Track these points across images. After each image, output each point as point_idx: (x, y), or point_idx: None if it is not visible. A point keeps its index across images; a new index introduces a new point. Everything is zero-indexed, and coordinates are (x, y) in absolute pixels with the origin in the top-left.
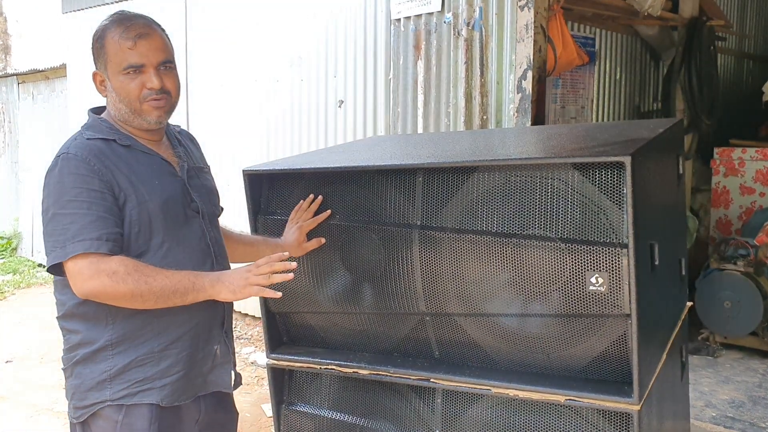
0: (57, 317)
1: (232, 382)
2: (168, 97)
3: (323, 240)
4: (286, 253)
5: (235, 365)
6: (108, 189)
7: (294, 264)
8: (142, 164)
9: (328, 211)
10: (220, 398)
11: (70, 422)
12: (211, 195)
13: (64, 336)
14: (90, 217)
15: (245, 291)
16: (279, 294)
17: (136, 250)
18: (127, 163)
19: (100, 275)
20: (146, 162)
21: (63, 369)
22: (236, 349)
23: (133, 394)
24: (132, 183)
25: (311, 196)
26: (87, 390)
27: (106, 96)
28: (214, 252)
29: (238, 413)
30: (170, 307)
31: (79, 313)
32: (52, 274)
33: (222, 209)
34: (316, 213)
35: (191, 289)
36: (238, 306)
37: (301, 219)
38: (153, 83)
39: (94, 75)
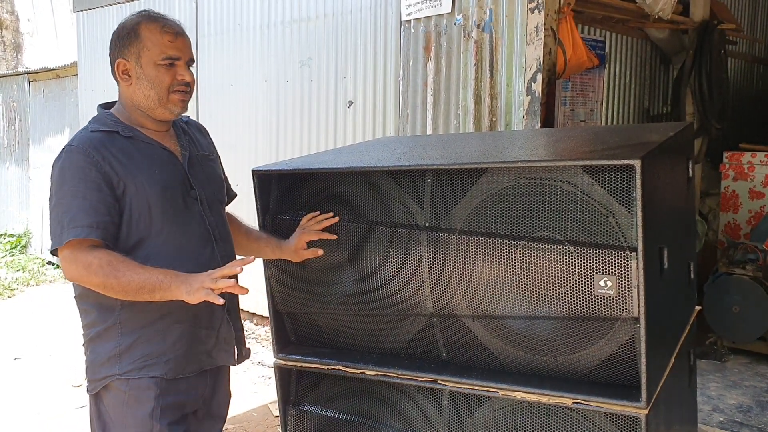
0: (74, 297)
1: (236, 357)
2: (190, 91)
3: (320, 251)
4: (251, 258)
5: (242, 341)
6: (105, 180)
7: (231, 282)
8: (143, 153)
9: (336, 222)
10: (222, 374)
11: (89, 396)
12: (212, 182)
13: (80, 314)
14: (84, 206)
15: (196, 294)
16: (221, 301)
17: (137, 236)
18: (126, 154)
19: (77, 265)
20: (147, 151)
21: (83, 345)
22: None
23: (139, 368)
24: (131, 172)
25: (330, 213)
26: (99, 365)
27: (129, 84)
28: (214, 236)
29: (231, 395)
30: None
31: (93, 293)
32: (55, 256)
33: (235, 194)
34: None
35: (158, 287)
36: (246, 305)
37: (309, 227)
38: (186, 76)
39: (119, 63)
